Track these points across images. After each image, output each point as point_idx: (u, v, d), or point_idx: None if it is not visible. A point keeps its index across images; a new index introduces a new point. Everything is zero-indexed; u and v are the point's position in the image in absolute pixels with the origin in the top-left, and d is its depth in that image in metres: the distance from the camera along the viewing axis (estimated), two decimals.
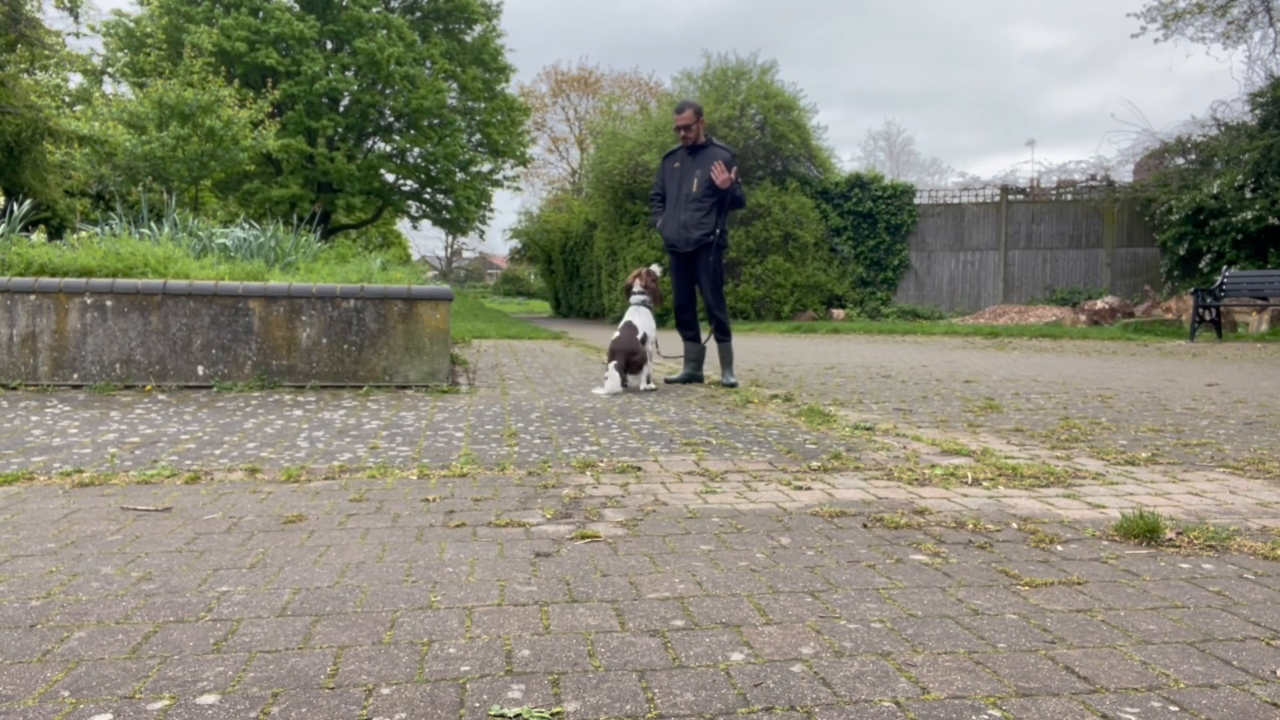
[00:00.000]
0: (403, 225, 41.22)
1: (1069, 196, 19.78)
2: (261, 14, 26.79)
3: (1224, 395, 5.96)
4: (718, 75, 20.28)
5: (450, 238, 61.69)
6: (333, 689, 1.47)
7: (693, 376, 6.48)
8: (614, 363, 5.76)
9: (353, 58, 27.58)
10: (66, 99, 21.45)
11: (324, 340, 5.77)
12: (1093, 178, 19.91)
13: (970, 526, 2.54)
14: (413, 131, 29.34)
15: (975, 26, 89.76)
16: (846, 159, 73.65)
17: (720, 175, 5.98)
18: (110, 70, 26.67)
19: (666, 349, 7.69)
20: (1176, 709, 1.42)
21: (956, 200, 20.32)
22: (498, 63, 31.39)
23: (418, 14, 30.66)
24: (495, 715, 1.37)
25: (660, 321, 9.24)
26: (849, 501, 2.88)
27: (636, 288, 6.09)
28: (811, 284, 19.13)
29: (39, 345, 5.50)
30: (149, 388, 5.52)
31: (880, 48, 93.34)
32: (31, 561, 2.14)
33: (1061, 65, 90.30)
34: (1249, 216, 16.04)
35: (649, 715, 1.38)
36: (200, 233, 8.00)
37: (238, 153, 14.79)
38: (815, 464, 3.50)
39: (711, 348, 7.88)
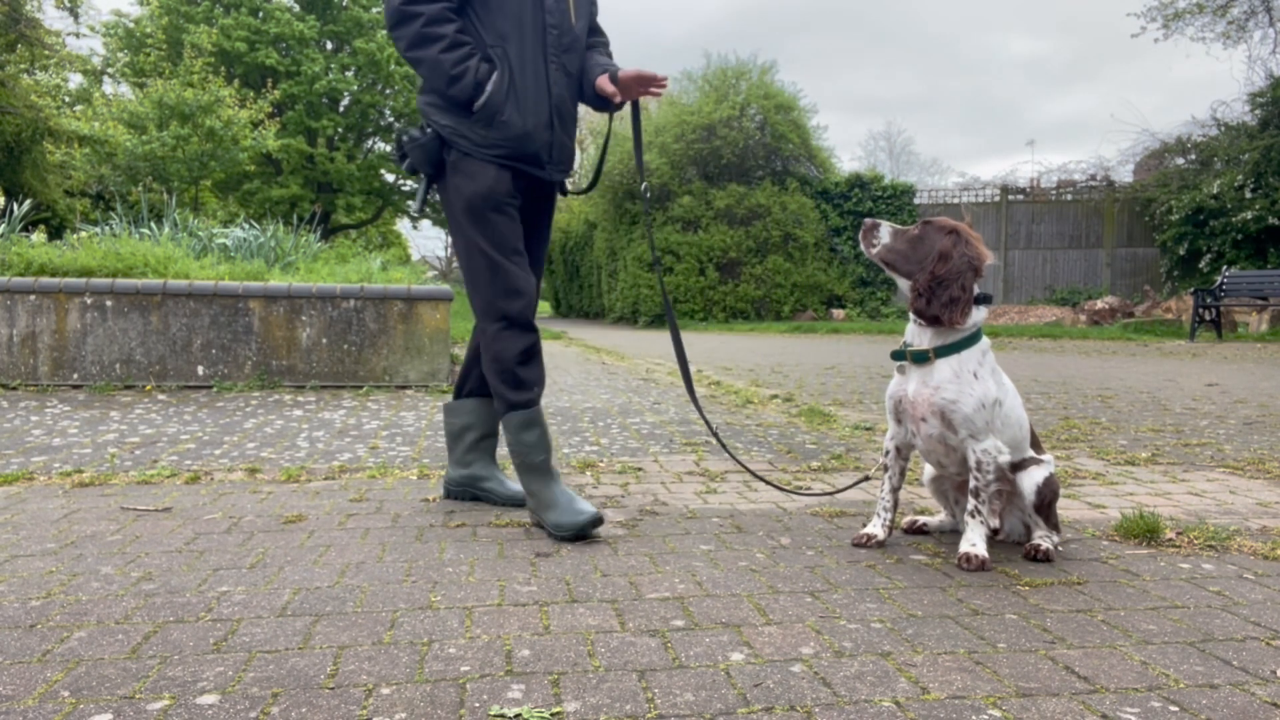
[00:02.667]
0: (403, 225, 41.22)
1: (1069, 196, 19.79)
2: (261, 14, 26.79)
3: (1224, 395, 5.96)
4: (718, 75, 20.30)
5: (450, 238, 61.64)
6: (333, 689, 1.47)
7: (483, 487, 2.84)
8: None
9: (353, 58, 27.58)
10: (66, 99, 21.45)
11: (324, 340, 5.77)
12: (1093, 178, 19.92)
13: None
14: None
15: (962, 36, 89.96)
16: (846, 159, 73.75)
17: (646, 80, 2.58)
18: (110, 70, 26.66)
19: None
20: (1176, 709, 1.42)
21: (956, 200, 20.32)
22: None
23: None
24: (495, 715, 1.37)
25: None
26: (849, 501, 2.87)
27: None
28: (811, 284, 19.14)
29: (39, 345, 5.50)
30: (149, 388, 5.52)
31: (872, 57, 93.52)
32: (31, 561, 2.14)
33: (1049, 72, 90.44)
34: (1249, 216, 16.05)
35: (649, 715, 1.38)
36: (200, 233, 8.00)
37: (238, 153, 14.80)
38: (815, 464, 3.50)
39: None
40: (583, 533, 2.39)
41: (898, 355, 2.25)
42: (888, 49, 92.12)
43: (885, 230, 2.24)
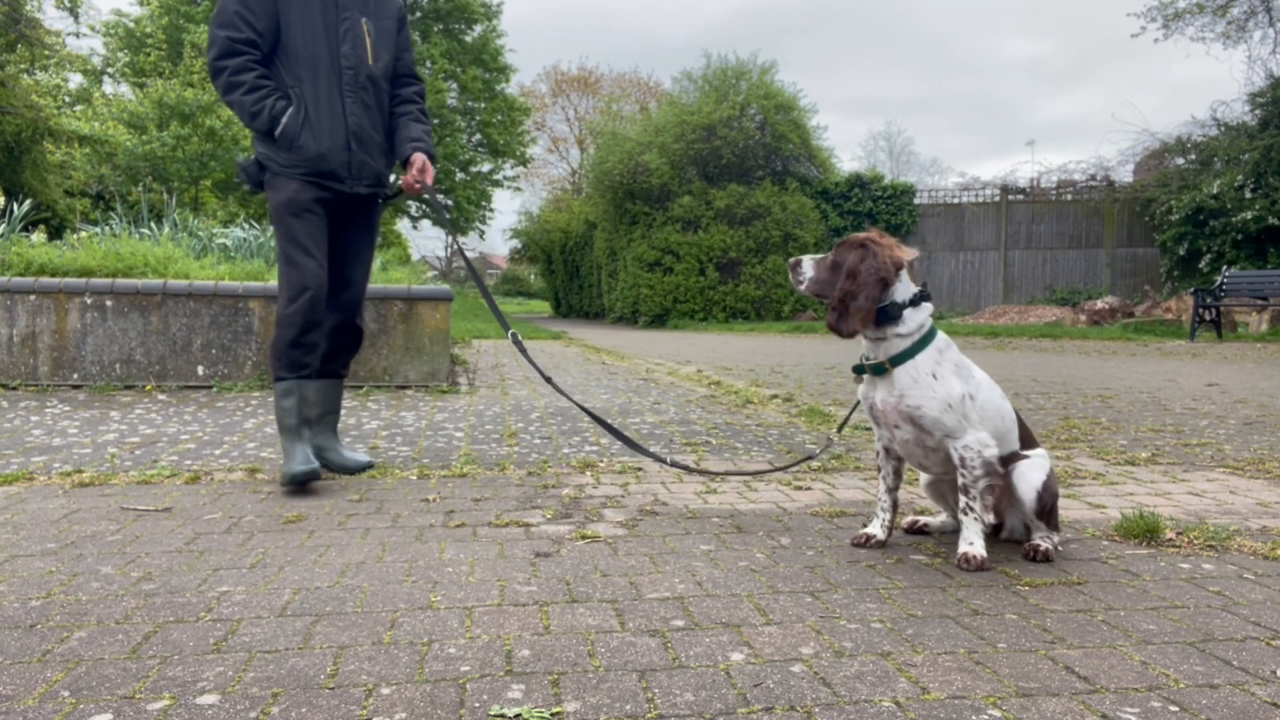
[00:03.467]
0: (403, 225, 41.19)
1: (1069, 196, 19.79)
2: None
3: (1224, 395, 5.96)
4: (718, 75, 20.29)
5: (450, 238, 61.52)
6: (333, 689, 1.47)
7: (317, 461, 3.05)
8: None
9: None
10: (66, 99, 21.44)
11: None
12: (1093, 178, 19.92)
13: None
14: None
15: (962, 37, 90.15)
16: (846, 159, 73.71)
17: (424, 171, 3.16)
18: (110, 70, 26.65)
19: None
20: (1176, 709, 1.42)
21: (956, 200, 20.33)
22: (498, 63, 31.38)
23: (418, 14, 30.66)
24: (495, 715, 1.37)
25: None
26: (849, 501, 2.87)
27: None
28: None
29: (39, 345, 5.50)
30: (149, 388, 5.52)
31: (872, 58, 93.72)
32: (31, 561, 2.14)
33: (1048, 73, 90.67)
34: (1249, 216, 16.05)
35: (649, 715, 1.38)
36: (200, 233, 8.00)
37: (238, 152, 14.79)
38: (815, 464, 3.50)
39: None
40: (294, 482, 2.86)
41: (858, 369, 2.29)
42: (887, 50, 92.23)
43: (807, 264, 2.28)
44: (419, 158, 3.15)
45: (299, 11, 3.02)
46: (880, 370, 2.22)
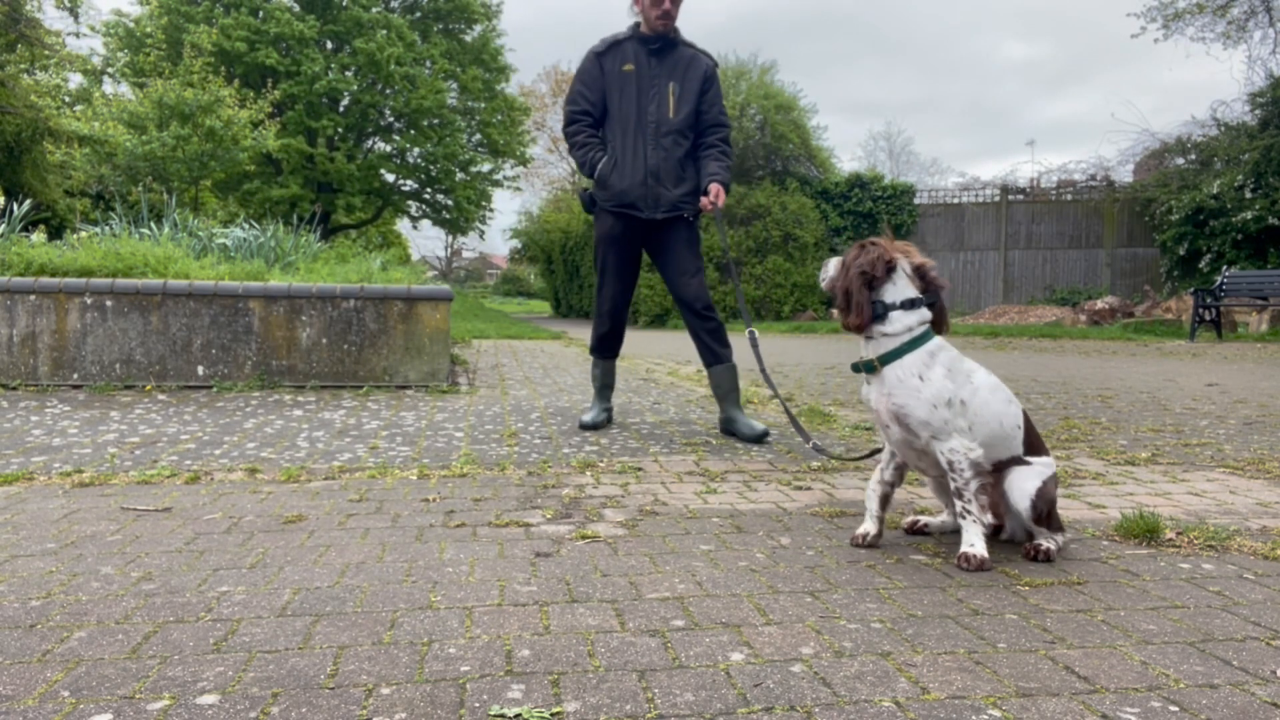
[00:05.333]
0: (403, 225, 41.19)
1: (1069, 196, 19.79)
2: (261, 14, 26.77)
3: (1224, 395, 5.96)
4: None
5: (450, 238, 61.52)
6: (333, 689, 1.47)
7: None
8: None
9: (353, 58, 27.56)
10: (66, 99, 21.42)
11: (324, 340, 5.77)
12: (1093, 178, 19.91)
13: None
14: (413, 131, 29.32)
15: (961, 40, 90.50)
16: (846, 160, 73.70)
17: (717, 196, 3.99)
18: (110, 70, 26.64)
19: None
20: (1176, 709, 1.42)
21: (956, 200, 20.33)
22: (497, 63, 31.36)
23: (418, 14, 30.66)
24: (495, 715, 1.37)
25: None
26: (849, 501, 2.87)
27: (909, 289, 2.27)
28: (812, 284, 19.14)
29: (39, 345, 5.50)
30: (149, 388, 5.52)
31: (871, 61, 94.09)
32: (31, 561, 2.14)
33: (1047, 75, 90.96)
34: (1249, 216, 16.05)
35: (649, 715, 1.38)
36: (200, 233, 8.00)
37: (238, 153, 14.79)
38: (815, 464, 3.50)
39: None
40: (583, 428, 4.24)
41: (855, 367, 2.34)
42: (887, 53, 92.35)
43: (832, 265, 2.37)
44: (714, 187, 3.99)
45: (619, 84, 4.05)
46: (870, 368, 2.28)
